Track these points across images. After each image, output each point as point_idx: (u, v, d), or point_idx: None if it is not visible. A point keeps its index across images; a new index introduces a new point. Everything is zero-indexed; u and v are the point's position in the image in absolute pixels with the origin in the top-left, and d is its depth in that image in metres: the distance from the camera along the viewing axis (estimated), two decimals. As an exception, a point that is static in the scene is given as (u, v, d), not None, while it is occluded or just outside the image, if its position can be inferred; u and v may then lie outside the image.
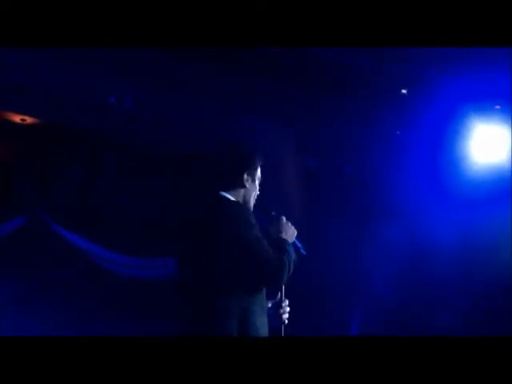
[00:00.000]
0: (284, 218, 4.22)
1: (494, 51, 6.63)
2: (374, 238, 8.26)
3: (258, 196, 4.22)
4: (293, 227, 4.21)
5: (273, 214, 4.30)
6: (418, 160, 8.18)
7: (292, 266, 4.03)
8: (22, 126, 8.06)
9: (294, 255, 4.08)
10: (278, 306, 4.27)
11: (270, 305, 4.26)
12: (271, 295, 4.24)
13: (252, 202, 4.20)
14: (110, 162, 8.28)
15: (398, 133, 8.46)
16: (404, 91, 8.01)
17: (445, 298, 8.32)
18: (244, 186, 4.14)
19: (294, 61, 7.36)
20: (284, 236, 4.16)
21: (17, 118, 7.98)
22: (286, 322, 4.26)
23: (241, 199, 4.14)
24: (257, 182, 4.21)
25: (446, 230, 8.16)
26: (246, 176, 4.12)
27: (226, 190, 4.11)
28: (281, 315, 4.27)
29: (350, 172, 8.70)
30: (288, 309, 4.28)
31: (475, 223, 8.00)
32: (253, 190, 4.18)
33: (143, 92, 7.55)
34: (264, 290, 4.07)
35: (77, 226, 8.11)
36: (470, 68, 7.21)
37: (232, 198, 4.10)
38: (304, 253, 4.30)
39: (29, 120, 7.99)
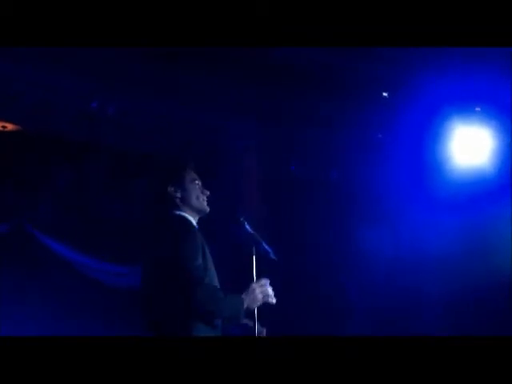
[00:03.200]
0: (258, 285, 4.12)
1: (477, 52, 6.73)
2: (359, 242, 8.28)
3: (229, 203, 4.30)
4: (259, 296, 4.08)
5: (241, 219, 4.33)
6: (400, 163, 8.22)
7: (224, 313, 3.97)
8: (2, 133, 7.95)
9: (232, 313, 4.00)
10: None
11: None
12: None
13: (197, 203, 4.25)
14: (96, 169, 8.20)
15: (379, 136, 8.47)
16: (385, 94, 8.03)
17: (433, 301, 8.35)
18: (176, 197, 4.21)
19: (277, 64, 7.37)
20: (244, 295, 4.06)
21: (-3, 125, 7.89)
22: (275, 300, 4.18)
23: (185, 208, 4.21)
24: (190, 186, 4.26)
25: (430, 231, 8.20)
26: (170, 188, 4.21)
27: (169, 205, 4.22)
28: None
29: (333, 175, 8.68)
30: (270, 290, 4.18)
31: (460, 225, 8.04)
32: (190, 195, 4.23)
33: (130, 97, 7.51)
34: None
35: (61, 234, 8.01)
36: (451, 70, 7.27)
37: (182, 214, 4.19)
38: (274, 258, 4.29)
39: (9, 127, 7.89)
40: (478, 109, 7.91)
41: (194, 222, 4.26)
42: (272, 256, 4.28)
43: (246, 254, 4.31)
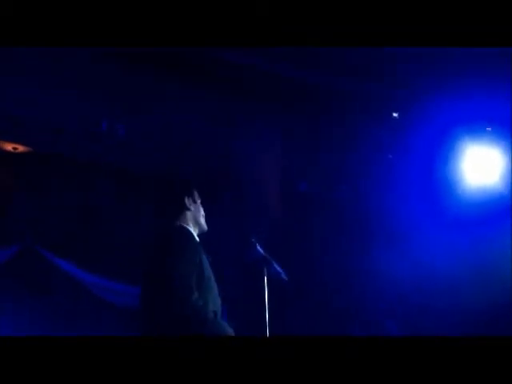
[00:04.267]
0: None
1: (488, 73, 6.75)
2: (368, 262, 8.25)
3: (238, 222, 4.33)
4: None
5: (252, 240, 4.34)
6: (410, 183, 8.20)
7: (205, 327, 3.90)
8: (13, 155, 8.03)
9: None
10: None
11: None
12: None
13: (202, 221, 4.30)
14: (104, 189, 8.23)
15: (390, 157, 8.46)
16: (395, 115, 8.05)
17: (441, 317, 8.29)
18: (189, 209, 4.24)
19: (286, 86, 7.42)
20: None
21: (9, 147, 7.96)
22: None
23: (190, 222, 4.24)
24: (198, 202, 4.33)
25: (441, 250, 8.15)
26: (187, 200, 4.25)
27: (175, 217, 4.23)
28: None
29: (343, 195, 8.67)
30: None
31: (469, 244, 7.99)
32: (198, 211, 4.29)
33: (135, 117, 7.55)
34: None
35: (70, 255, 8.02)
36: (462, 90, 7.27)
37: (186, 226, 4.21)
38: (285, 278, 4.29)
39: (21, 148, 7.97)
40: (488, 129, 7.89)
41: (196, 236, 4.27)
42: (283, 277, 4.30)
43: (258, 274, 4.32)
